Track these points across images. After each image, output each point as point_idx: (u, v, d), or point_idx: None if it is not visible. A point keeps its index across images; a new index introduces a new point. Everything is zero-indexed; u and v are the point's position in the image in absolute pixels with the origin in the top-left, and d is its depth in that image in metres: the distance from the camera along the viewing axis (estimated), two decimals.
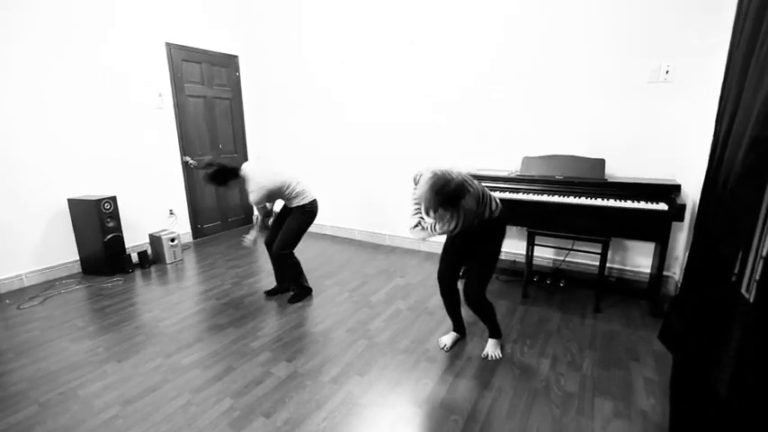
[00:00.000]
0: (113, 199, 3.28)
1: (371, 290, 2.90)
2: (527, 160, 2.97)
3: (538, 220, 2.86)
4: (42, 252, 3.14)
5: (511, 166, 3.20)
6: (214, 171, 2.49)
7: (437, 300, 2.71)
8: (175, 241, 3.57)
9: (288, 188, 2.56)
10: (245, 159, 4.82)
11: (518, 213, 3.03)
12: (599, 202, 2.51)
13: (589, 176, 2.71)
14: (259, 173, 2.53)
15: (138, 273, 3.35)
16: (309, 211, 2.63)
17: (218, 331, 2.34)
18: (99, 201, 3.16)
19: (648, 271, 2.85)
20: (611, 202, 2.47)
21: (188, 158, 4.15)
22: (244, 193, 4.80)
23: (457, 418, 1.62)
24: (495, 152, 3.30)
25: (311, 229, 4.63)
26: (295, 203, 2.60)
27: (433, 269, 3.31)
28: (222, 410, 1.68)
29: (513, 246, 3.39)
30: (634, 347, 2.11)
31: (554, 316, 2.47)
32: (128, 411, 1.69)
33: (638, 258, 2.90)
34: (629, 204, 2.43)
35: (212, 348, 2.16)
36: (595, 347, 2.12)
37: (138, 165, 3.71)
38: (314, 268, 3.37)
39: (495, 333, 2.10)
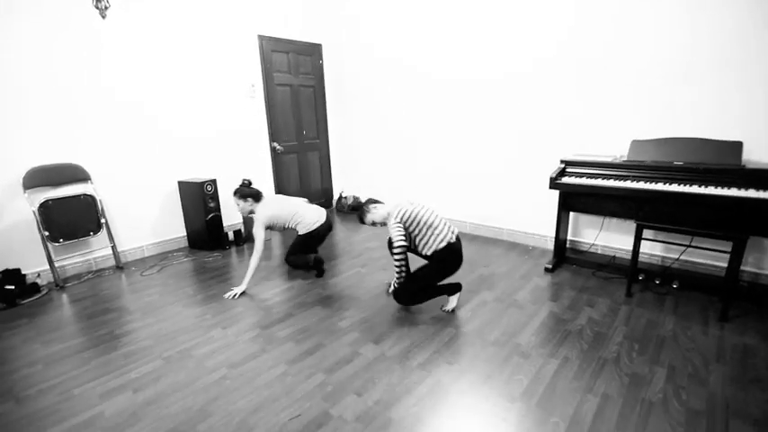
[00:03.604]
0: (214, 182, 3.59)
1: (455, 278, 2.82)
2: (636, 145, 2.63)
3: (649, 212, 2.53)
4: (158, 227, 3.57)
5: (616, 151, 2.86)
6: (250, 190, 2.90)
7: (526, 293, 2.56)
8: None
9: (290, 220, 2.91)
10: (327, 145, 4.98)
11: (624, 204, 2.72)
12: (734, 192, 2.13)
13: (720, 162, 2.31)
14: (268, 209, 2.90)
15: (233, 249, 3.66)
16: (309, 235, 2.91)
17: (307, 309, 2.45)
18: (202, 183, 3.48)
19: None
20: (753, 193, 2.08)
21: (275, 144, 4.40)
22: (325, 176, 5.01)
23: (558, 420, 1.50)
24: (596, 135, 2.97)
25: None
26: (300, 230, 2.91)
27: (518, 260, 3.13)
28: (316, 383, 1.75)
29: (612, 239, 3.06)
30: None
31: (667, 321, 2.17)
32: (234, 374, 1.84)
33: None
34: None
35: (303, 324, 2.27)
36: (725, 361, 1.82)
37: (234, 150, 4.02)
38: None
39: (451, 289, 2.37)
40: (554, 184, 2.72)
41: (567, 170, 2.82)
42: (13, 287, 2.64)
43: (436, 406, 1.60)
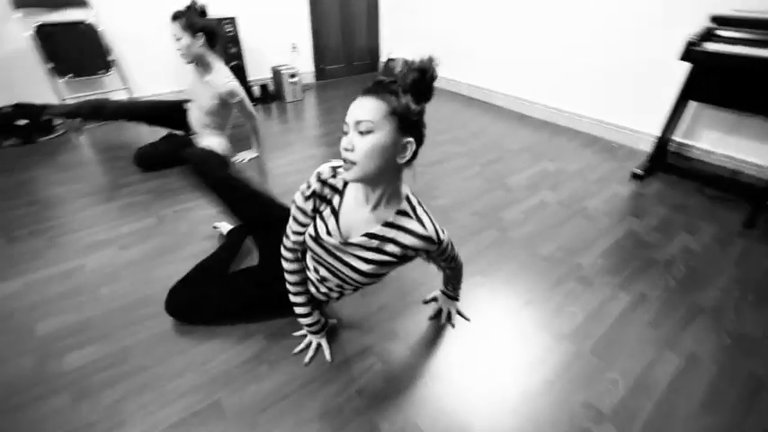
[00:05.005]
0: (233, 20, 2.98)
1: (510, 169, 2.26)
2: None
3: None
4: (179, 73, 3.14)
5: None
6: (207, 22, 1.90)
7: (601, 201, 1.98)
8: (295, 78, 3.27)
9: None
10: None
11: None
12: None
13: None
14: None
15: (259, 107, 3.23)
16: None
17: None
18: (218, 21, 2.88)
19: None
20: None
21: None
22: (372, 29, 4.10)
23: (616, 378, 1.11)
24: None
25: (444, 86, 3.90)
26: None
27: (594, 158, 2.45)
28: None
29: (740, 148, 2.23)
30: None
31: None
32: None
33: None
34: None
35: None
36: None
37: None
38: (441, 130, 2.78)
39: None
40: (694, 52, 1.83)
41: (718, 33, 1.87)
42: (26, 121, 2.48)
43: (459, 329, 1.26)
